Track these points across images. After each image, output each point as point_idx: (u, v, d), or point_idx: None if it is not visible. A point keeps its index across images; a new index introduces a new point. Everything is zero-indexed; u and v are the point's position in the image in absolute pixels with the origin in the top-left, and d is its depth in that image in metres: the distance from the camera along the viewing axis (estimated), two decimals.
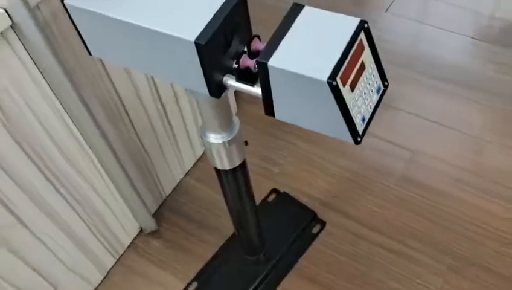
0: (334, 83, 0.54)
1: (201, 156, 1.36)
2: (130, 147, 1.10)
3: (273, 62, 0.56)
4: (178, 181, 1.33)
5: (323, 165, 1.33)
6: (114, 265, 1.22)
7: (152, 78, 1.07)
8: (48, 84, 0.85)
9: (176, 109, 1.19)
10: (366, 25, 0.58)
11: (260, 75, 0.59)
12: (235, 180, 0.91)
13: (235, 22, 0.63)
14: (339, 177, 1.31)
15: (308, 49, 0.57)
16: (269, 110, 0.63)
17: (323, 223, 1.24)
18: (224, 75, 0.65)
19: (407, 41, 1.58)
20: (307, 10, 0.60)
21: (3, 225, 0.88)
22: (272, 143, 1.39)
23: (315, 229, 1.24)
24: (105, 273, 1.20)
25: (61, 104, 0.89)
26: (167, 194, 1.31)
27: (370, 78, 0.61)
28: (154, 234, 1.26)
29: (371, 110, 0.62)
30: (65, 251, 1.04)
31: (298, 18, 0.59)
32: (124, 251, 1.23)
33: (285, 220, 1.26)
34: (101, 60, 0.93)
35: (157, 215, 1.28)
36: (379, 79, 0.62)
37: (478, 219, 1.21)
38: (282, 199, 1.29)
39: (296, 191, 1.29)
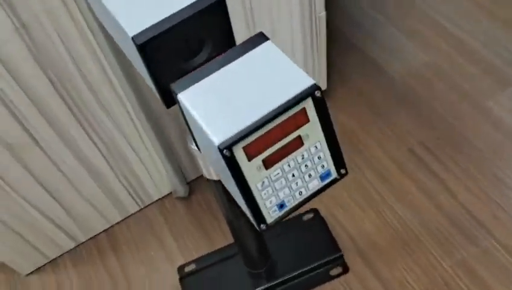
0: (227, 153, 0.41)
1: None
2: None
3: (184, 96, 0.45)
4: None
5: (379, 206, 1.15)
6: (137, 212, 1.23)
7: None
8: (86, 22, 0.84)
9: None
10: (317, 93, 0.43)
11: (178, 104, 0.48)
12: (225, 193, 0.82)
13: (203, 28, 0.52)
14: (389, 227, 1.13)
15: (233, 95, 0.44)
16: (197, 146, 0.52)
17: (345, 269, 1.09)
18: None
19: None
20: (267, 46, 0.47)
21: (18, 144, 0.92)
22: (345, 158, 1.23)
23: (334, 272, 1.09)
24: (125, 216, 1.22)
25: (99, 47, 0.87)
26: None
27: (311, 159, 0.46)
28: (183, 200, 1.23)
29: (300, 198, 0.47)
30: (83, 184, 1.07)
31: (252, 52, 0.47)
32: (151, 203, 1.24)
33: (308, 247, 1.13)
34: None
35: (194, 184, 1.25)
36: (331, 164, 0.47)
37: None
38: (317, 223, 1.15)
39: (335, 221, 1.15)
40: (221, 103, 0.44)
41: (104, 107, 0.95)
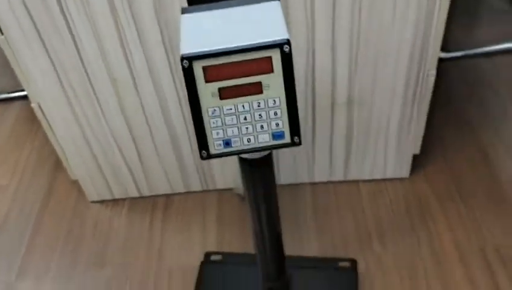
0: (186, 64, 0.46)
1: None
2: None
3: (185, 17, 0.52)
4: None
5: (420, 287, 1.06)
6: (198, 192, 1.31)
7: None
8: None
9: None
10: (286, 48, 0.46)
11: None
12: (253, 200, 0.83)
13: None
14: None
15: (220, 29, 0.50)
16: None
17: None
18: None
19: None
20: (273, 4, 0.51)
21: (121, 80, 1.07)
22: (407, 226, 1.17)
23: None
24: (187, 190, 1.31)
25: None
26: None
27: (266, 111, 0.48)
28: (240, 198, 1.28)
29: (248, 145, 0.49)
30: (161, 139, 1.18)
31: (259, 4, 0.51)
32: (213, 189, 1.31)
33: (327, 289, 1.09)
34: None
35: None
36: (286, 127, 0.49)
37: None
38: (349, 275, 1.10)
39: (369, 282, 1.09)
40: (207, 31, 0.49)
41: None
